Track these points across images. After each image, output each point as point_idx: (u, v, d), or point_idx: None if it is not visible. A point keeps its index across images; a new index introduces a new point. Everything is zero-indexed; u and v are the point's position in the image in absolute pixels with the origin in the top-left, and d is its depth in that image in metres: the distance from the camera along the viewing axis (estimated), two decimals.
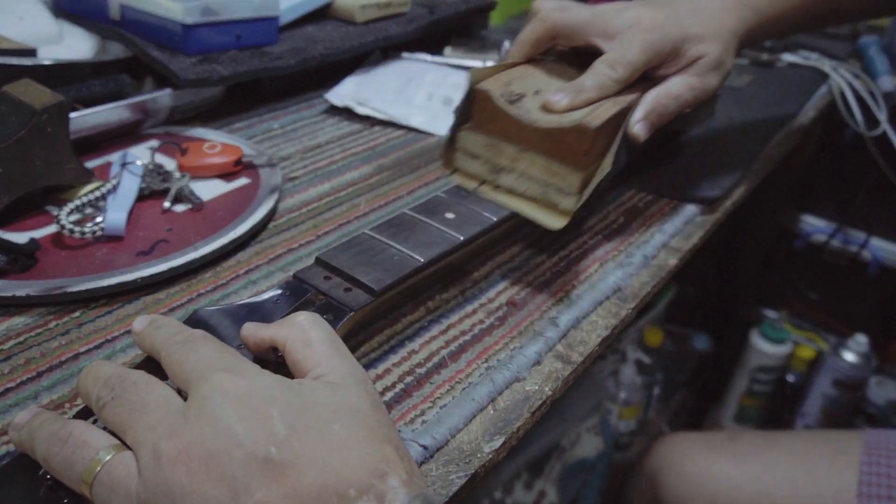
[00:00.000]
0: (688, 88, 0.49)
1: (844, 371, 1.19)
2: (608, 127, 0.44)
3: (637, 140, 0.47)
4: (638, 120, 0.47)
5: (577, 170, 0.43)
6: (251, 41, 0.69)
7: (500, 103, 0.44)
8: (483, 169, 0.46)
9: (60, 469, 0.27)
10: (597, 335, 0.43)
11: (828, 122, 1.01)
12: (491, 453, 0.34)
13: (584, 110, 0.45)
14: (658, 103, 0.48)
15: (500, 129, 0.45)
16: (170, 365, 0.28)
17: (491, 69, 0.48)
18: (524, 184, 0.45)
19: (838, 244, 1.19)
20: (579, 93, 0.45)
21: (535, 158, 0.44)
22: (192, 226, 0.49)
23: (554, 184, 0.44)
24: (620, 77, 0.47)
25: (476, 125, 0.46)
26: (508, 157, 0.45)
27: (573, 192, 0.43)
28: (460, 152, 0.47)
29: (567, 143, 0.42)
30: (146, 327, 0.31)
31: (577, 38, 0.50)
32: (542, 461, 1.12)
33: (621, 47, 0.47)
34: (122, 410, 0.27)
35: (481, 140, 0.46)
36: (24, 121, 0.47)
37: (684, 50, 0.49)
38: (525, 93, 0.46)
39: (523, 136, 0.44)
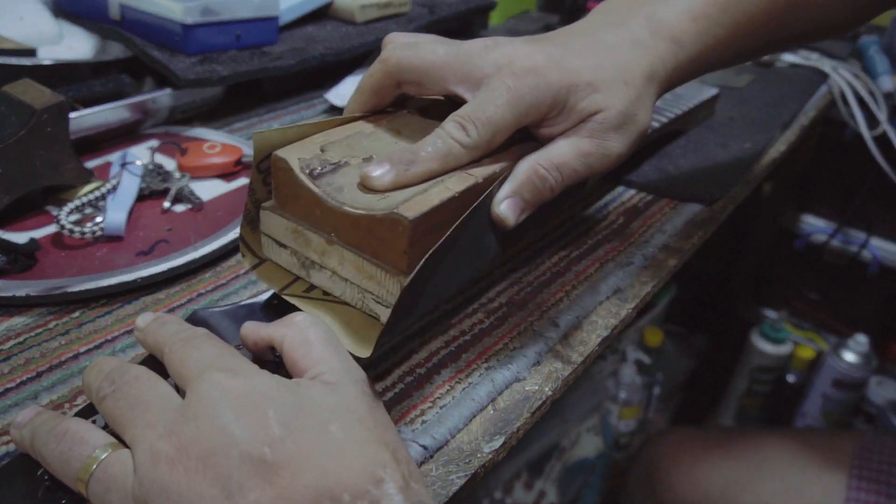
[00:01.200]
0: (577, 156, 0.37)
1: (844, 371, 1.19)
2: (440, 216, 0.33)
3: (504, 224, 0.36)
4: (505, 197, 0.36)
5: (397, 274, 0.32)
6: (251, 41, 0.69)
7: (299, 177, 0.33)
8: (293, 262, 0.36)
9: (57, 466, 0.27)
10: (597, 335, 0.43)
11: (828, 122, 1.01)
12: (491, 453, 0.34)
13: (410, 190, 0.33)
14: (535, 174, 0.36)
15: (304, 212, 0.34)
16: (171, 362, 0.28)
17: (310, 126, 0.37)
18: (340, 286, 0.35)
19: (838, 244, 1.19)
20: (410, 164, 0.34)
21: (345, 254, 0.34)
22: (192, 226, 0.49)
23: (370, 290, 0.34)
24: (475, 142, 0.35)
25: (277, 203, 0.36)
26: (316, 249, 0.35)
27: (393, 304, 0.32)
28: (266, 238, 0.37)
29: (380, 236, 0.32)
30: (150, 324, 0.31)
31: (429, 85, 0.37)
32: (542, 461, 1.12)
33: (480, 99, 0.35)
34: (122, 405, 0.27)
35: (284, 224, 0.35)
36: (24, 121, 0.47)
37: (572, 102, 0.36)
38: (348, 160, 0.35)
39: (332, 223, 0.33)
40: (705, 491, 0.71)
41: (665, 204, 0.58)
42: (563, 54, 0.37)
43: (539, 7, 1.21)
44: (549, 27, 1.04)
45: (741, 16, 0.40)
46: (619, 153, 0.38)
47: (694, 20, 0.39)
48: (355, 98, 0.39)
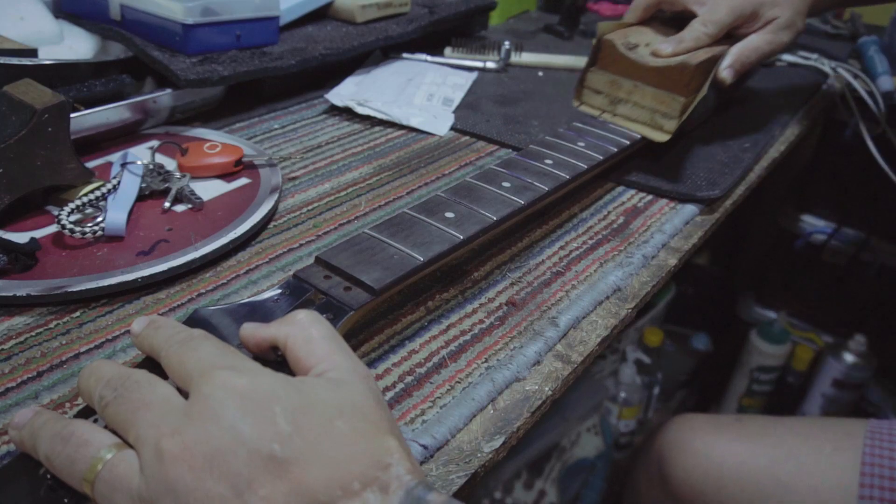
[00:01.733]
0: (765, 43, 0.64)
1: (844, 371, 1.19)
2: (704, 66, 0.59)
3: (724, 83, 0.62)
4: (726, 66, 0.62)
5: (680, 97, 0.58)
6: (251, 41, 0.69)
7: (621, 49, 0.60)
8: (604, 101, 0.62)
9: (62, 467, 0.27)
10: (597, 335, 0.43)
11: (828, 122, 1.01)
12: (491, 453, 0.34)
13: (681, 57, 0.59)
14: (742, 54, 0.63)
15: (620, 69, 0.61)
16: (170, 364, 0.28)
17: (613, 25, 0.63)
18: (637, 111, 0.60)
19: (838, 244, 1.19)
20: (680, 42, 0.60)
21: (647, 90, 0.59)
22: (193, 226, 0.49)
23: (660, 110, 0.59)
24: (711, 32, 0.61)
25: (601, 67, 0.62)
26: (626, 90, 0.61)
27: (675, 116, 0.58)
28: (587, 89, 0.63)
29: (673, 77, 0.58)
30: (145, 328, 0.31)
31: (677, 4, 0.65)
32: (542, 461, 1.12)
33: (712, 10, 0.62)
34: (125, 409, 0.27)
35: (604, 78, 0.62)
36: (25, 121, 0.47)
37: (762, 13, 0.63)
38: (638, 43, 0.61)
39: (639, 74, 0.59)
40: (718, 472, 0.71)
41: (665, 204, 0.58)
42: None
43: (539, 7, 1.21)
44: (548, 27, 1.04)
45: None
46: (787, 42, 0.65)
47: None
48: (631, 12, 0.66)
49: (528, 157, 0.52)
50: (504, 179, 0.49)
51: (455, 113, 0.72)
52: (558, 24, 1.04)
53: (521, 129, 0.69)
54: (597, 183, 0.60)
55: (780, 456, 0.69)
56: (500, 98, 0.77)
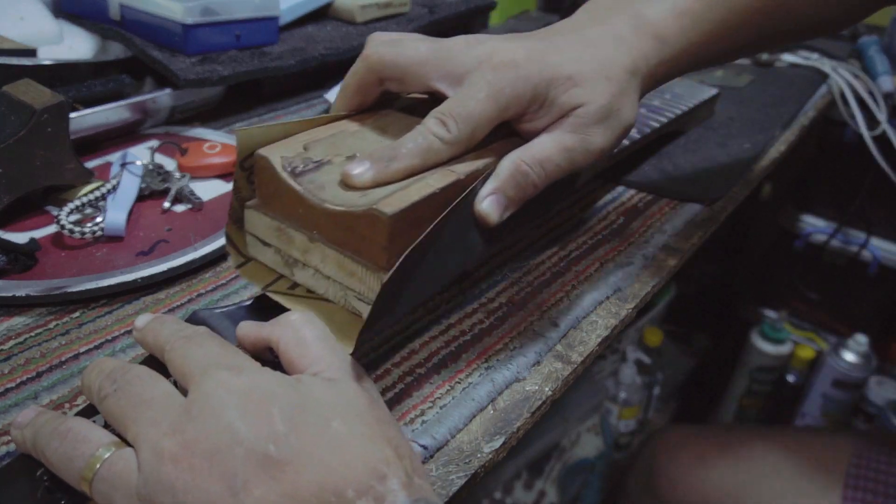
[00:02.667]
0: (560, 150, 0.37)
1: (844, 371, 1.19)
2: (420, 211, 0.33)
3: (487, 221, 0.36)
4: (487, 194, 0.35)
5: (377, 270, 0.32)
6: (251, 41, 0.69)
7: (281, 174, 0.34)
8: (277, 260, 0.36)
9: (60, 465, 0.27)
10: (597, 335, 0.43)
11: (828, 122, 1.01)
12: (491, 453, 0.34)
13: (391, 187, 0.33)
14: (517, 170, 0.36)
15: (287, 210, 0.34)
16: (173, 359, 0.28)
17: (293, 124, 0.37)
18: (323, 284, 0.35)
19: (838, 244, 1.19)
20: (391, 161, 0.34)
21: (327, 251, 0.34)
22: (193, 226, 0.49)
23: (352, 287, 0.34)
24: (455, 137, 0.35)
25: (261, 202, 0.36)
26: (299, 247, 0.35)
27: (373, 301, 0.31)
28: (251, 236, 0.37)
29: (360, 233, 0.32)
30: (150, 323, 0.31)
31: (411, 82, 0.38)
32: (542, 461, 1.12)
33: (461, 95, 0.36)
34: (125, 403, 0.27)
35: (267, 223, 0.36)
36: (25, 121, 0.47)
37: (553, 97, 0.36)
38: (331, 159, 0.35)
39: (313, 221, 0.34)
40: (704, 490, 0.71)
41: (665, 204, 0.58)
42: (544, 49, 0.37)
43: (539, 7, 1.21)
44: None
45: (728, 13, 0.40)
46: (601, 147, 0.38)
47: (678, 17, 0.39)
48: (340, 97, 0.40)
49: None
50: None
51: None
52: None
53: None
54: (597, 183, 0.60)
55: (763, 471, 0.69)
56: None
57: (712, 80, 0.85)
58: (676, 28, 0.39)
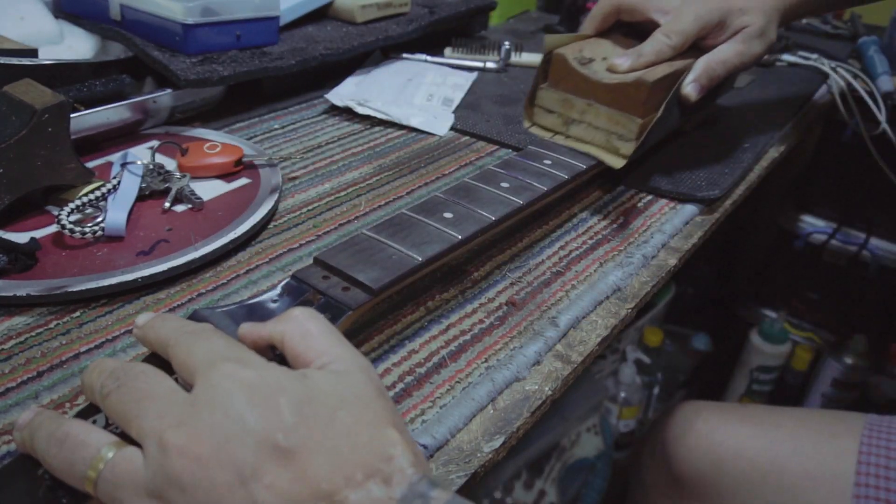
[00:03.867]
0: (735, 54, 0.57)
1: (844, 371, 1.19)
2: (663, 83, 0.53)
3: (688, 99, 0.55)
4: (690, 81, 0.56)
5: (637, 118, 0.52)
6: (251, 41, 0.69)
7: (573, 65, 0.55)
8: (557, 122, 0.57)
9: (61, 469, 0.27)
10: (597, 335, 0.43)
11: (828, 122, 1.01)
12: (491, 453, 0.34)
13: (638, 72, 0.53)
14: (708, 67, 0.56)
15: (572, 87, 0.55)
16: (177, 354, 0.28)
17: (565, 37, 0.58)
18: (591, 133, 0.55)
19: (838, 244, 1.19)
20: (639, 56, 0.55)
21: (601, 110, 0.54)
22: (193, 226, 0.49)
23: (616, 131, 0.54)
24: (675, 44, 0.56)
25: (552, 84, 0.57)
26: (579, 110, 0.55)
27: (632, 138, 0.53)
28: (538, 108, 0.58)
29: (628, 96, 0.52)
30: (151, 320, 0.31)
31: (638, 14, 0.60)
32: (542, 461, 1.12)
33: (675, 20, 0.56)
34: (128, 399, 0.27)
35: (556, 96, 0.56)
36: (25, 121, 0.47)
37: (730, 21, 0.57)
38: (594, 57, 0.56)
39: (592, 92, 0.54)
40: (719, 453, 0.72)
41: (665, 204, 0.58)
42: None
43: (539, 7, 1.21)
44: (548, 27, 1.04)
45: None
46: (759, 52, 0.59)
47: None
48: (588, 23, 0.61)
49: (527, 158, 0.52)
50: (503, 180, 0.49)
51: (455, 113, 0.72)
52: (558, 24, 1.04)
53: (521, 130, 0.69)
54: (597, 183, 0.60)
55: (778, 438, 0.70)
56: (500, 98, 0.77)
57: None
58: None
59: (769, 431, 0.71)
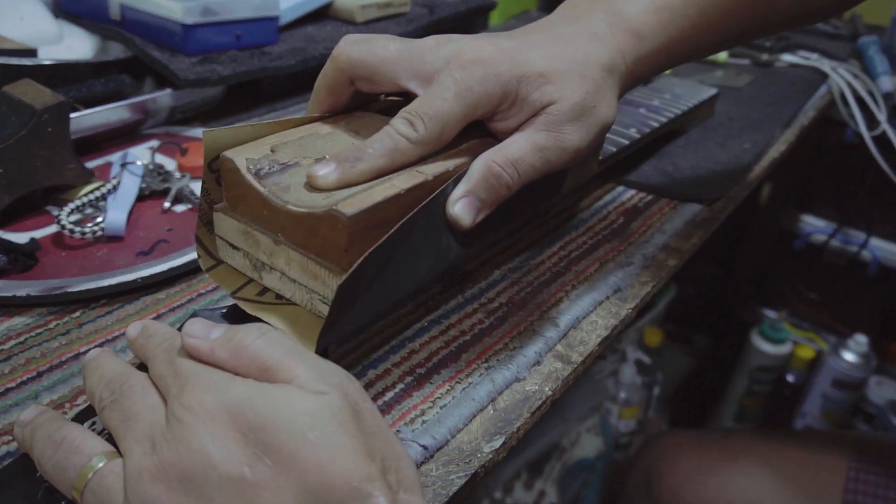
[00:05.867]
0: (533, 150, 0.36)
1: (844, 371, 1.19)
2: (384, 213, 0.32)
3: (459, 225, 0.35)
4: (459, 197, 0.35)
5: (339, 273, 0.32)
6: (251, 41, 0.69)
7: (246, 177, 0.33)
8: (246, 266, 0.36)
9: (53, 473, 0.27)
10: (597, 335, 0.43)
11: (828, 122, 1.01)
12: (491, 453, 0.34)
13: (354, 189, 0.33)
14: (489, 171, 0.35)
15: (253, 213, 0.34)
16: (153, 377, 0.28)
17: (263, 126, 0.37)
18: (289, 287, 0.34)
19: (838, 244, 1.19)
20: (357, 161, 0.33)
21: (291, 254, 0.33)
22: (193, 226, 0.49)
23: (316, 291, 0.33)
24: (423, 137, 0.34)
25: (228, 205, 0.35)
26: (265, 250, 0.34)
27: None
28: (220, 240, 0.36)
29: (322, 235, 0.32)
30: (138, 336, 0.31)
31: (381, 82, 0.37)
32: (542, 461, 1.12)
33: (428, 94, 0.35)
34: (116, 416, 0.27)
35: (234, 226, 0.35)
36: (25, 121, 0.47)
37: (524, 94, 0.35)
38: (298, 161, 0.35)
39: (279, 223, 0.33)
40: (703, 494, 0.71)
41: (665, 204, 0.58)
42: (515, 46, 0.36)
43: (539, 7, 1.21)
44: None
45: (709, 6, 0.39)
46: (576, 147, 0.36)
47: (656, 12, 0.38)
48: (312, 99, 0.39)
49: None
50: None
51: None
52: None
53: None
54: (597, 183, 0.60)
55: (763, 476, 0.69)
56: None
57: (712, 80, 0.85)
58: (655, 24, 0.38)
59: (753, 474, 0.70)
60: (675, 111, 0.64)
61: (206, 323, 0.28)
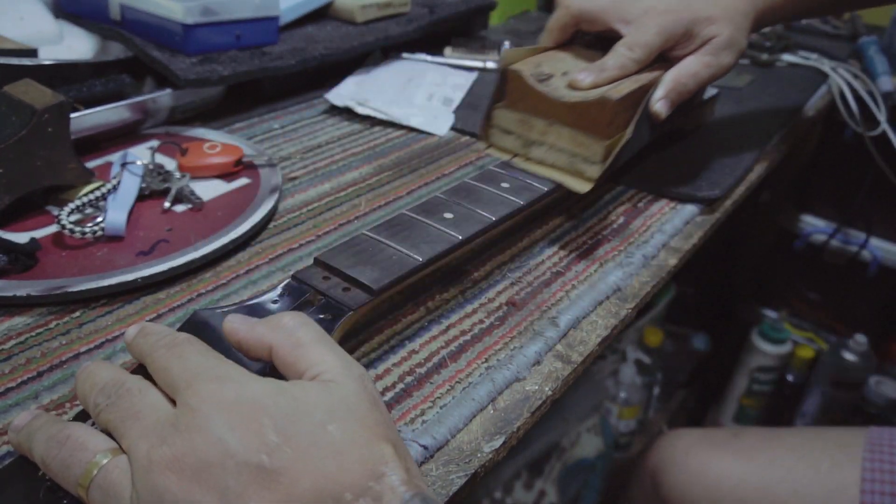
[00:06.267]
0: (703, 66, 0.53)
1: (844, 371, 1.19)
2: (629, 101, 0.49)
3: (658, 117, 0.52)
4: (659, 98, 0.52)
5: (601, 139, 0.47)
6: (251, 41, 0.69)
7: (530, 82, 0.50)
8: (516, 143, 0.52)
9: (58, 471, 0.27)
10: (597, 335, 0.43)
11: (828, 122, 1.01)
12: (491, 453, 0.34)
13: (602, 88, 0.49)
14: (677, 82, 0.52)
15: (530, 106, 0.50)
16: (155, 371, 0.28)
17: (523, 51, 0.53)
18: (553, 155, 0.50)
19: (838, 244, 1.19)
20: (602, 71, 0.50)
21: (562, 131, 0.49)
22: (193, 226, 0.49)
23: (580, 154, 0.49)
24: (638, 57, 0.51)
25: (509, 103, 0.51)
26: (539, 131, 0.50)
27: (598, 161, 0.48)
28: (495, 129, 0.53)
29: (591, 115, 0.47)
30: (136, 336, 0.31)
31: (598, 24, 0.55)
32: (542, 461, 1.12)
33: (638, 31, 0.52)
34: (115, 417, 0.27)
35: (514, 116, 0.51)
36: (25, 121, 0.47)
37: (697, 31, 0.53)
38: (553, 73, 0.51)
39: (552, 112, 0.49)
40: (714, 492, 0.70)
41: (665, 204, 0.58)
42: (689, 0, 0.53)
43: (539, 7, 1.21)
44: None
45: None
46: (729, 63, 0.55)
47: None
48: (546, 35, 0.57)
49: None
50: (503, 180, 0.49)
51: (455, 113, 0.72)
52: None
53: None
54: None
55: (776, 474, 0.68)
56: None
57: None
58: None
59: (765, 465, 0.69)
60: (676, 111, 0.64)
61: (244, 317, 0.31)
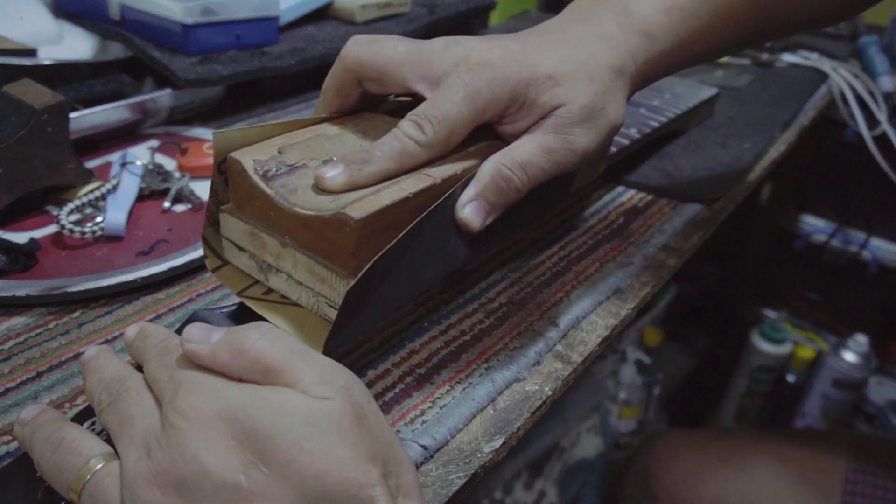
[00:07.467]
0: (542, 152, 0.35)
1: (844, 371, 1.19)
2: (392, 217, 0.32)
3: (469, 228, 0.34)
4: (468, 200, 0.34)
5: (346, 277, 0.31)
6: (251, 41, 0.69)
7: (253, 178, 0.33)
8: (252, 267, 0.35)
9: (52, 475, 0.27)
10: (597, 335, 0.43)
11: (828, 122, 1.01)
12: (491, 453, 0.34)
13: (362, 192, 0.32)
14: (498, 174, 0.34)
15: (259, 214, 0.34)
16: (148, 381, 0.28)
17: (268, 127, 0.36)
18: (295, 289, 0.34)
19: (838, 244, 1.19)
20: (365, 164, 0.33)
21: (298, 257, 0.33)
22: (192, 226, 0.49)
23: (322, 294, 0.33)
24: (431, 140, 0.34)
25: (235, 206, 0.35)
26: (272, 252, 0.34)
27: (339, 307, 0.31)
28: (227, 241, 0.36)
29: (330, 238, 0.31)
30: (135, 338, 0.30)
31: (389, 83, 0.36)
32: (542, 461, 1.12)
33: (437, 96, 0.34)
34: (113, 419, 0.27)
35: (241, 227, 0.35)
36: (25, 121, 0.47)
37: (532, 97, 0.35)
38: (306, 163, 0.34)
39: (285, 226, 0.33)
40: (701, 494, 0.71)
41: (665, 204, 0.58)
42: (523, 49, 0.35)
43: (539, 7, 1.21)
44: None
45: (720, 7, 0.38)
46: (585, 148, 0.36)
47: (666, 12, 0.38)
48: (320, 100, 0.39)
49: None
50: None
51: None
52: None
53: None
54: (597, 183, 0.60)
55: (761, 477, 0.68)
56: None
57: (712, 80, 0.85)
58: (665, 24, 0.38)
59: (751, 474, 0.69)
60: (676, 111, 0.64)
61: (204, 327, 0.27)
